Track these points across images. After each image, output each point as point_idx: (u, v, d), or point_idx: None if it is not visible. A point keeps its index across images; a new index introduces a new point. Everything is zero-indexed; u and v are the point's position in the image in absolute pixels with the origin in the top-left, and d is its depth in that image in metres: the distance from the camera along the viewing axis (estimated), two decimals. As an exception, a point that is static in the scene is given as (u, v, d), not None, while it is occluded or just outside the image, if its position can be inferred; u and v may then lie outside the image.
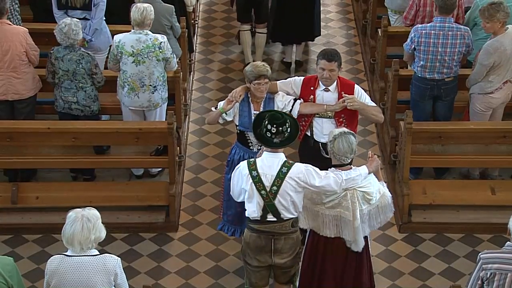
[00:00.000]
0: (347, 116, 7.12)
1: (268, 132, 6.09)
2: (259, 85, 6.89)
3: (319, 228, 6.31)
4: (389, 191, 6.47)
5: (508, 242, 5.61)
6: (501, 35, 7.87)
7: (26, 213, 7.99)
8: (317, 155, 7.14)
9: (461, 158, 8.19)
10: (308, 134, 7.30)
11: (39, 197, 8.00)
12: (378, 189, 6.30)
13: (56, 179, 8.44)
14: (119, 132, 7.96)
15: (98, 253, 5.51)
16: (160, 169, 8.64)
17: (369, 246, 6.57)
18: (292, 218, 6.22)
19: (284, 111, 6.82)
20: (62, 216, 5.54)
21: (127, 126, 8.06)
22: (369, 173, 6.26)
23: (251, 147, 7.08)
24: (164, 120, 8.18)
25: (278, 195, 6.09)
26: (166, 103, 8.38)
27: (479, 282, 5.68)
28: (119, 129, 7.99)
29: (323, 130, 7.19)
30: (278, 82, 7.28)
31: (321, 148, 7.17)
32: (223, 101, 7.02)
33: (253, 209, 6.20)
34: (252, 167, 6.13)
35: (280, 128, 6.06)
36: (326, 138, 6.96)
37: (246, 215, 6.30)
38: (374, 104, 7.26)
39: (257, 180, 6.11)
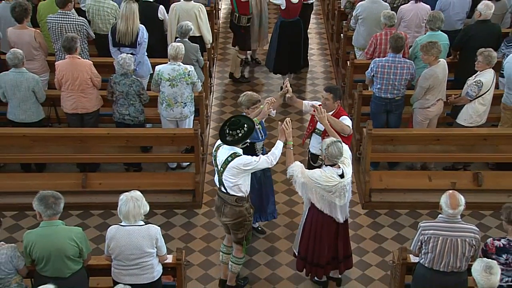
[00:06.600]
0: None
1: (225, 131, 6.07)
2: (256, 108, 6.83)
3: (318, 202, 6.12)
4: (355, 178, 6.30)
5: (440, 215, 5.68)
6: (435, 65, 7.89)
7: (92, 195, 8.02)
8: (309, 164, 7.18)
9: (407, 155, 8.23)
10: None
11: (101, 183, 8.02)
12: (351, 170, 6.14)
13: (113, 170, 8.46)
14: (159, 136, 7.99)
15: (144, 223, 5.58)
16: (188, 163, 8.65)
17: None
18: (236, 195, 6.17)
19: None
20: (118, 197, 5.58)
21: (165, 131, 8.08)
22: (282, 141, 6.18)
23: (257, 153, 6.87)
24: (191, 127, 8.19)
25: (223, 175, 6.10)
26: (193, 115, 8.38)
27: (419, 243, 5.76)
28: (159, 134, 8.02)
29: (312, 142, 7.13)
30: (304, 101, 7.26)
31: (309, 156, 7.19)
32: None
33: (215, 177, 6.27)
34: (216, 149, 6.20)
35: (230, 132, 6.01)
36: (313, 149, 7.06)
37: None
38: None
39: (214, 159, 6.21)
